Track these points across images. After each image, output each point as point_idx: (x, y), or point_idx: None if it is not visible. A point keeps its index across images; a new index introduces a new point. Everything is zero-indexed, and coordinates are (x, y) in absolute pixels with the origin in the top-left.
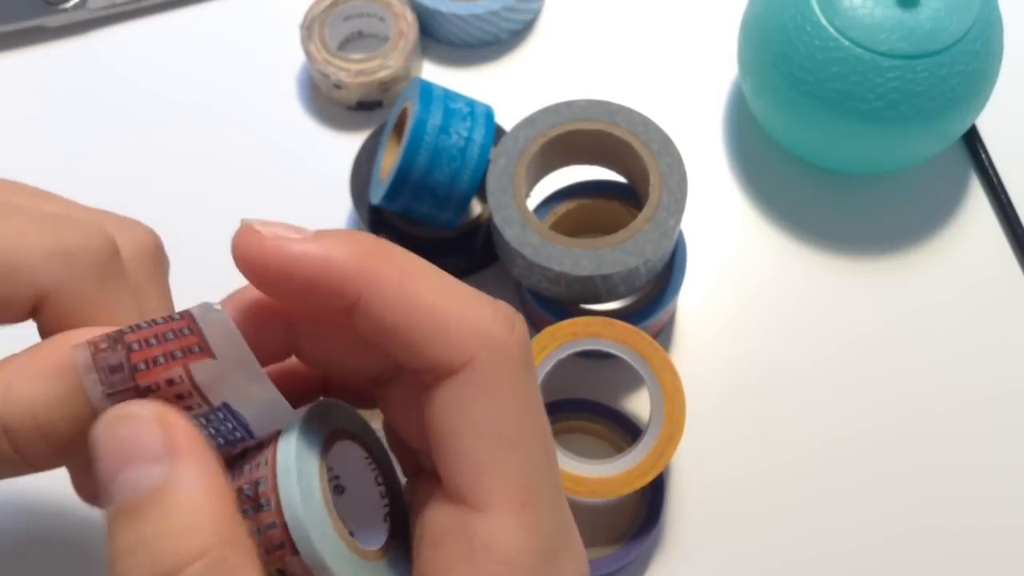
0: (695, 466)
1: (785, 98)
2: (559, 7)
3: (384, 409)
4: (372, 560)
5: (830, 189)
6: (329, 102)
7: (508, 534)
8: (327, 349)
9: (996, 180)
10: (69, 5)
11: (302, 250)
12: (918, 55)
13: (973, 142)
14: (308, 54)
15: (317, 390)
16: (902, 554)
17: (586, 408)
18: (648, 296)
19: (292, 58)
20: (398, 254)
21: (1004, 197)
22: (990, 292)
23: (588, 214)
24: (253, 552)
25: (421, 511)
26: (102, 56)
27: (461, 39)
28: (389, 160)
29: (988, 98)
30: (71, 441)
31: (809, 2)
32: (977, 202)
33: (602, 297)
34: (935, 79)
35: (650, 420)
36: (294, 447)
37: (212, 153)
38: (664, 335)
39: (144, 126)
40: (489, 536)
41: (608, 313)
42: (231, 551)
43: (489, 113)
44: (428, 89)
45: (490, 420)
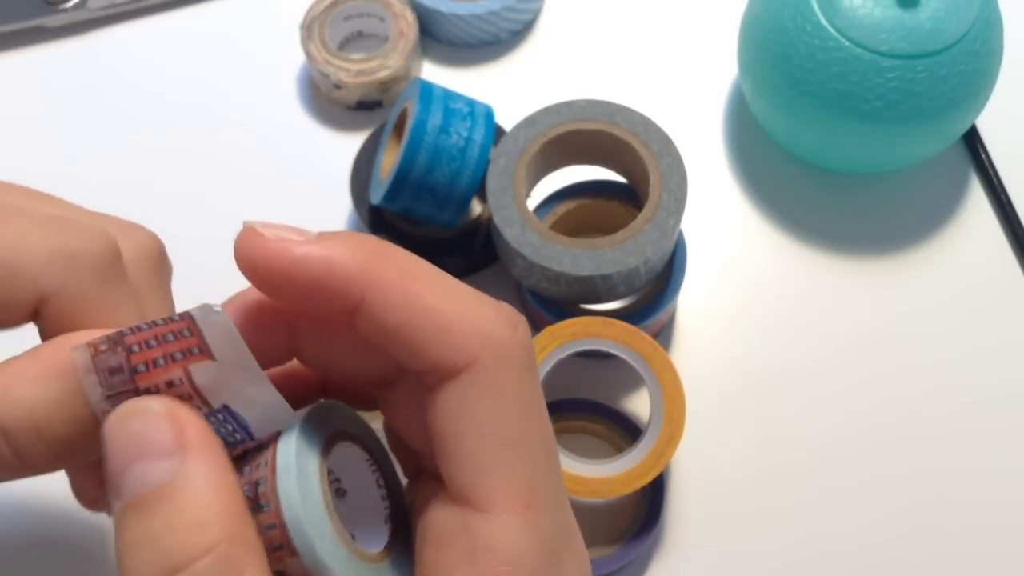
0: (695, 466)
1: (785, 98)
2: (559, 7)
3: (385, 411)
4: (373, 562)
5: (830, 189)
6: (329, 102)
7: (511, 535)
8: (328, 351)
9: (996, 180)
10: (69, 5)
11: (305, 252)
12: (918, 55)
13: (973, 142)
14: (308, 54)
15: (318, 392)
16: (902, 554)
17: (586, 408)
18: (648, 296)
19: (292, 58)
20: (401, 256)
21: (1004, 197)
22: (990, 292)
23: (588, 214)
24: (260, 549)
25: (423, 512)
26: (102, 56)
27: (461, 39)
28: (389, 160)
29: (988, 98)
30: (70, 443)
31: (809, 2)
32: (977, 202)
33: (602, 297)
34: (935, 79)
35: (650, 420)
36: (294, 448)
37: (212, 153)
38: (664, 335)
39: (144, 126)
40: (492, 537)
41: (608, 313)
42: (239, 547)
43: (489, 113)
44: (428, 89)
45: (493, 421)
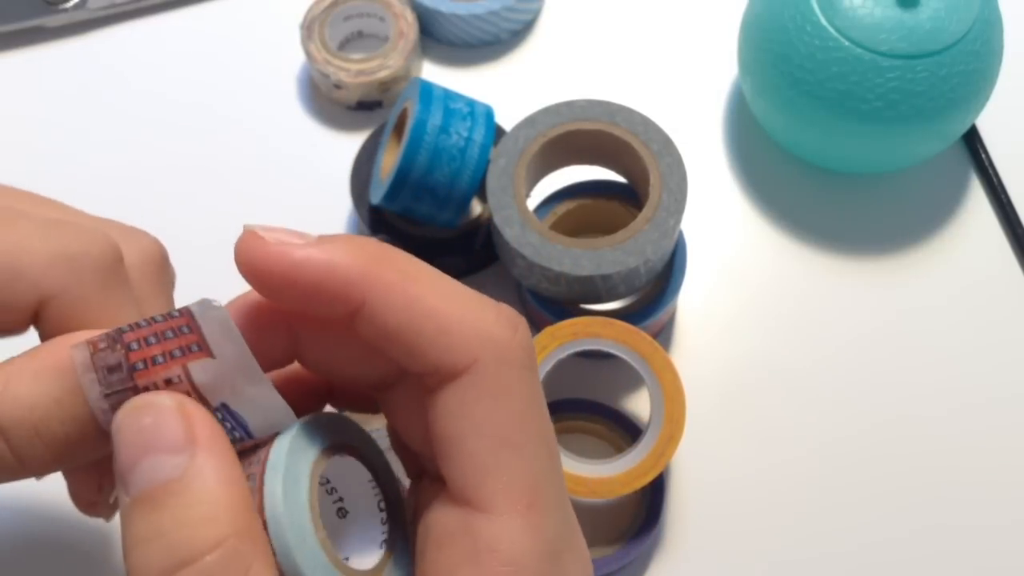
0: (695, 466)
1: (785, 98)
2: (559, 7)
3: (387, 413)
4: None
5: (830, 189)
6: (329, 102)
7: (513, 535)
8: (329, 354)
9: (996, 180)
10: (69, 5)
11: (305, 255)
12: (918, 55)
13: (973, 142)
14: (308, 54)
15: (320, 395)
16: (902, 554)
17: (586, 408)
18: (648, 296)
19: (292, 58)
20: (401, 258)
21: (1004, 197)
22: (990, 292)
23: (588, 214)
24: (267, 545)
25: (424, 513)
26: (102, 56)
27: (461, 39)
28: (389, 160)
29: (988, 98)
30: (68, 444)
31: (809, 2)
32: (977, 202)
33: (602, 297)
34: (935, 79)
35: (650, 420)
36: (287, 447)
37: (212, 153)
38: (664, 335)
39: (144, 126)
40: (494, 537)
41: (608, 313)
42: (247, 543)
43: (489, 113)
44: (428, 89)
45: (494, 422)
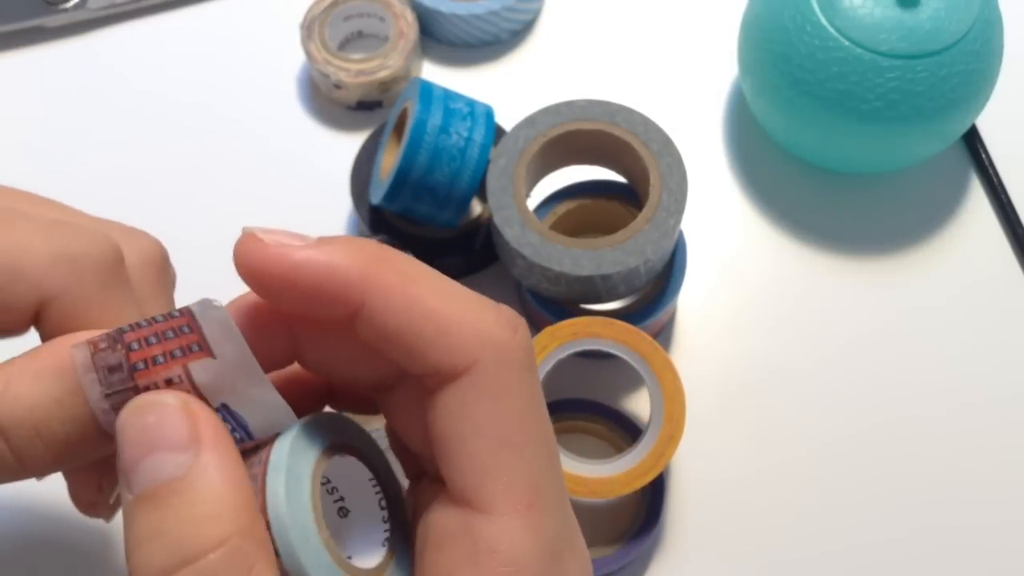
0: (695, 466)
1: (785, 98)
2: (559, 7)
3: (387, 414)
4: None
5: (830, 189)
6: (329, 102)
7: (513, 536)
8: (329, 355)
9: (996, 180)
10: (69, 5)
11: (305, 257)
12: (918, 55)
13: (973, 142)
14: (308, 54)
15: (320, 396)
16: (902, 554)
17: (586, 408)
18: (648, 296)
19: (292, 58)
20: (400, 260)
21: (1004, 197)
22: (990, 292)
23: (588, 214)
24: (269, 546)
25: (424, 514)
26: (102, 56)
27: (461, 39)
28: (389, 160)
29: (988, 98)
30: (69, 444)
31: (809, 2)
32: (977, 202)
33: (602, 297)
34: (935, 79)
35: (650, 420)
36: (288, 448)
37: (212, 153)
38: (664, 335)
39: (144, 126)
40: (494, 538)
41: (608, 313)
42: (250, 542)
43: (489, 113)
44: (428, 89)
45: (494, 423)
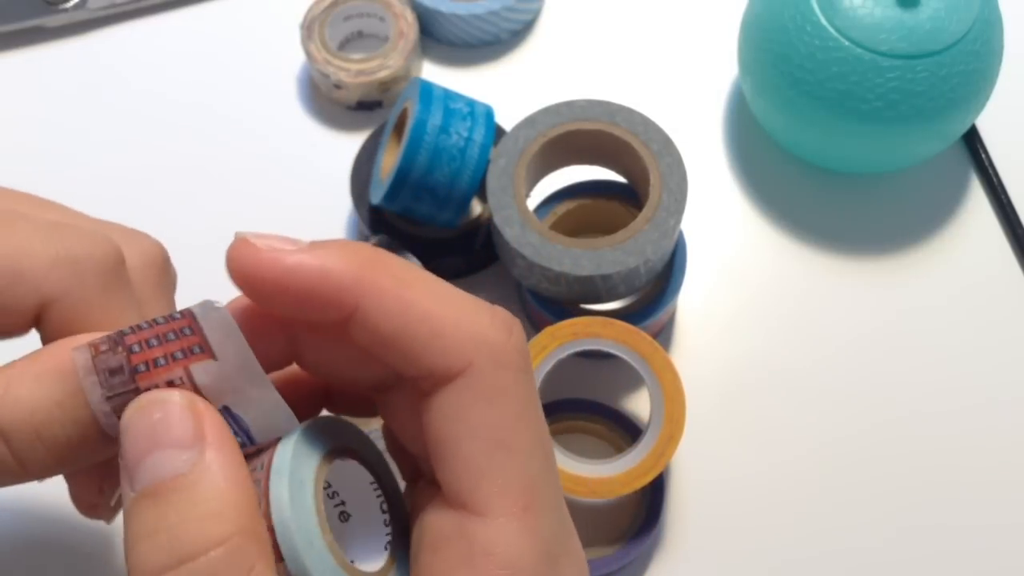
0: (695, 466)
1: (785, 98)
2: (559, 7)
3: (384, 415)
4: None
5: (830, 189)
6: (329, 102)
7: (509, 539)
8: (328, 356)
9: (996, 180)
10: (69, 5)
11: (297, 261)
12: (918, 55)
13: (973, 142)
14: (308, 54)
15: (319, 397)
16: (902, 554)
17: (586, 408)
18: (648, 296)
19: (292, 58)
20: (394, 263)
21: (1004, 197)
22: (990, 292)
23: (588, 214)
24: (270, 547)
25: (420, 516)
26: (102, 56)
27: (461, 39)
28: (389, 160)
29: (988, 98)
30: (70, 447)
31: (809, 2)
32: (977, 202)
33: (602, 297)
34: (935, 79)
35: (650, 420)
36: (291, 452)
37: (212, 153)
38: (664, 335)
39: (144, 126)
40: (489, 541)
41: (608, 313)
42: (251, 542)
43: (489, 113)
44: (428, 89)
45: (489, 425)
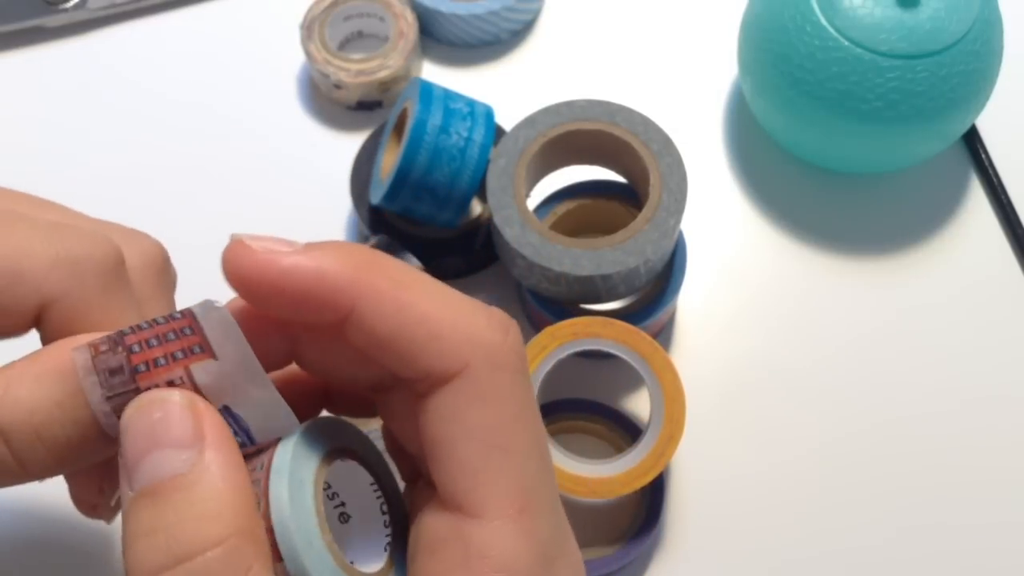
0: (695, 466)
1: (785, 98)
2: (559, 7)
3: (384, 415)
4: None
5: (830, 189)
6: (329, 102)
7: (505, 541)
8: (327, 356)
9: (996, 180)
10: (69, 5)
11: (293, 263)
12: (918, 55)
13: (973, 142)
14: (308, 54)
15: (319, 397)
16: (902, 553)
17: (586, 408)
18: (648, 296)
19: (292, 58)
20: (391, 265)
21: (1004, 197)
22: (990, 292)
23: (588, 214)
24: (267, 548)
25: (418, 518)
26: (102, 56)
27: (461, 39)
28: (389, 160)
29: (988, 98)
30: (70, 447)
31: (809, 2)
32: (977, 202)
33: (602, 297)
34: (935, 79)
35: (650, 420)
36: (291, 452)
37: (212, 153)
38: (664, 335)
39: (144, 126)
40: (485, 543)
41: (608, 313)
42: (249, 543)
43: (489, 113)
44: (428, 89)
45: (485, 426)
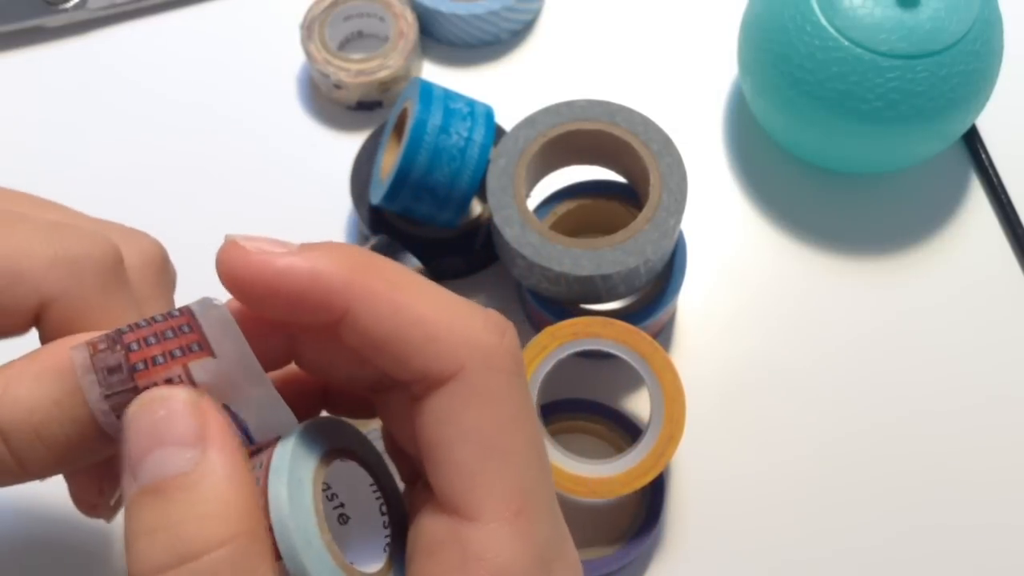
0: (695, 466)
1: (785, 98)
2: (559, 7)
3: (382, 416)
4: None
5: (830, 189)
6: (329, 102)
7: (502, 543)
8: (326, 356)
9: (996, 180)
10: (69, 5)
11: (287, 264)
12: (918, 55)
13: (973, 142)
14: (308, 54)
15: (318, 397)
16: (902, 554)
17: (586, 408)
18: (648, 296)
19: (292, 58)
20: (386, 266)
21: (1004, 197)
22: (990, 292)
23: (588, 214)
24: (271, 549)
25: (415, 520)
26: (102, 56)
27: (461, 39)
28: (389, 160)
29: (988, 98)
30: (69, 446)
31: (809, 2)
32: (977, 202)
33: (602, 297)
34: (935, 79)
35: (650, 420)
36: (290, 451)
37: (212, 154)
38: (664, 335)
39: (144, 126)
40: (482, 546)
41: (608, 313)
42: (255, 544)
43: (489, 113)
44: (428, 89)
45: (481, 429)
